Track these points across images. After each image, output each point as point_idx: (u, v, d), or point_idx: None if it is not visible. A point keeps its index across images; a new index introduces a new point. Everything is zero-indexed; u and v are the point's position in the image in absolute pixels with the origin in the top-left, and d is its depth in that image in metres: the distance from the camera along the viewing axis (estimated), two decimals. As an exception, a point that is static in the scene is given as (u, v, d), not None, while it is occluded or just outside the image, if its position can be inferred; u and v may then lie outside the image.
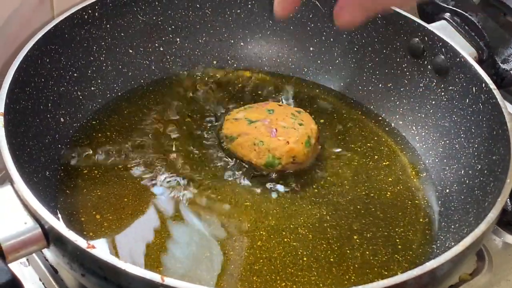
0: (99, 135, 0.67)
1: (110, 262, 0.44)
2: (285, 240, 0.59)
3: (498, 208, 0.52)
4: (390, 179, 0.67)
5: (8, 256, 0.47)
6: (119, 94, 0.72)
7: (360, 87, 0.76)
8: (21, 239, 0.48)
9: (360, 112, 0.74)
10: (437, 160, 0.68)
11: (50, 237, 0.48)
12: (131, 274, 0.44)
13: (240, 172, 0.65)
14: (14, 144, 0.55)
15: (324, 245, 0.59)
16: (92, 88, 0.70)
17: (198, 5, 0.76)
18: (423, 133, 0.71)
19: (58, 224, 0.47)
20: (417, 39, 0.71)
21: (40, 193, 0.56)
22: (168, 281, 0.43)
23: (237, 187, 0.64)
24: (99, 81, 0.70)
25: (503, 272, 0.64)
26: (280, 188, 0.64)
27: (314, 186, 0.65)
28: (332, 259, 0.58)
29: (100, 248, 0.45)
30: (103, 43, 0.71)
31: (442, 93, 0.70)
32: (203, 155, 0.66)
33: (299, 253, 0.58)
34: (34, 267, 0.60)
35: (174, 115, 0.71)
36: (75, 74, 0.68)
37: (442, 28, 0.73)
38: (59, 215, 0.58)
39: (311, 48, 0.78)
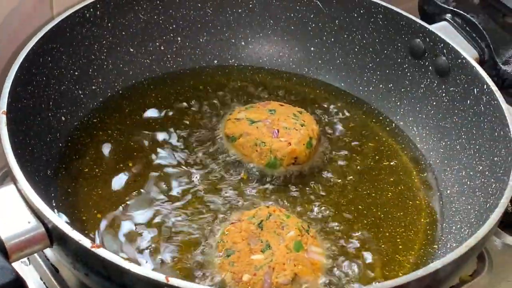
0: (100, 133, 0.67)
1: (114, 262, 0.44)
2: (287, 240, 0.59)
3: (500, 210, 0.53)
4: (391, 179, 0.67)
5: (12, 255, 0.47)
6: (120, 92, 0.72)
7: (361, 87, 0.76)
8: (24, 238, 0.48)
9: (361, 112, 0.74)
10: (438, 161, 0.69)
11: (53, 236, 0.48)
12: (135, 274, 0.44)
13: (242, 172, 0.65)
14: (16, 142, 0.55)
15: (327, 245, 0.59)
16: (93, 87, 0.69)
17: (199, 4, 0.76)
18: (424, 134, 0.71)
19: (62, 224, 0.47)
20: (418, 39, 0.71)
21: (42, 192, 0.56)
22: (172, 281, 0.43)
23: (239, 187, 0.63)
24: (100, 79, 0.70)
25: (504, 273, 0.64)
26: (282, 188, 0.64)
27: (315, 187, 0.65)
28: (334, 259, 0.58)
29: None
30: (104, 42, 0.70)
31: (443, 94, 0.70)
32: (204, 154, 0.66)
33: (301, 253, 0.58)
34: (35, 266, 0.60)
35: (175, 114, 0.71)
36: (76, 73, 0.67)
37: (443, 29, 0.73)
38: (60, 214, 0.58)
39: (312, 48, 0.78)
